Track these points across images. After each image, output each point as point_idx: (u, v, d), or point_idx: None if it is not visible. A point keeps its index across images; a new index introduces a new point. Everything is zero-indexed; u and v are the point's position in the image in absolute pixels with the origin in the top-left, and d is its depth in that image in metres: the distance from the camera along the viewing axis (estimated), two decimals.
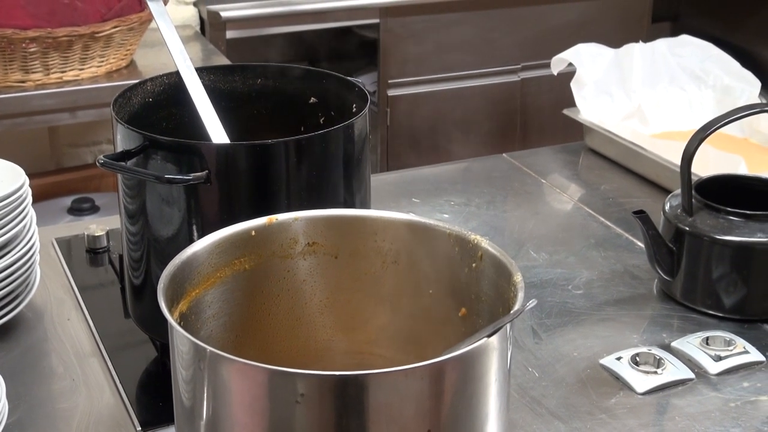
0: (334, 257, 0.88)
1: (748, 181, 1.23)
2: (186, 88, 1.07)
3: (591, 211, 1.44)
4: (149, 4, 1.11)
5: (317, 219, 0.87)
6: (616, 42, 1.79)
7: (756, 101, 1.69)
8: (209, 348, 0.69)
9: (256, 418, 0.69)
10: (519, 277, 0.77)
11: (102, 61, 2.10)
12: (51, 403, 1.01)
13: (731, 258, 1.13)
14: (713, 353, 1.07)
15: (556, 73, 1.76)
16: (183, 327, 0.72)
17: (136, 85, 1.08)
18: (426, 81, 2.74)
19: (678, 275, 1.17)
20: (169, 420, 0.82)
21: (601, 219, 1.42)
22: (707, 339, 1.09)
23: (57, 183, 2.40)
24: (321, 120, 1.12)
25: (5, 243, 1.09)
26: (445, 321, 0.86)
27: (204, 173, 0.93)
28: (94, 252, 1.33)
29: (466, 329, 0.84)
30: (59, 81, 2.06)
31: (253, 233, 0.85)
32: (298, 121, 1.14)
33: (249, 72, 1.15)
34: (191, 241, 0.83)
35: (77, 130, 2.62)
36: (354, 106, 1.08)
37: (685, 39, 1.81)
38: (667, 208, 1.19)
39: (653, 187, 1.51)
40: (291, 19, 2.58)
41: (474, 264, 0.83)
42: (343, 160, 0.99)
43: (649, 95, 1.71)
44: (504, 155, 1.65)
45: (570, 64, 1.71)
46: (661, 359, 1.05)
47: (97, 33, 2.03)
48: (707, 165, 1.33)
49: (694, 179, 1.17)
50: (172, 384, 0.76)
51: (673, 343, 1.10)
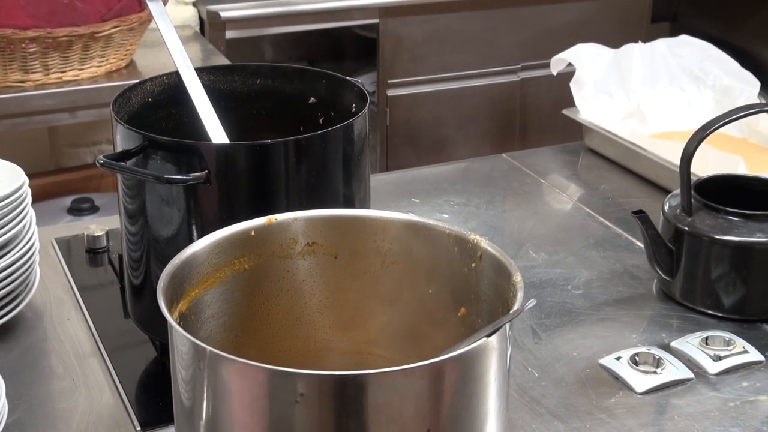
0: (333, 257, 0.88)
1: (747, 181, 1.23)
2: (185, 88, 1.07)
3: (590, 211, 1.44)
4: (149, 4, 1.11)
5: (317, 219, 0.87)
6: (615, 42, 1.79)
7: (755, 101, 1.69)
8: (209, 348, 0.69)
9: (255, 417, 0.69)
10: (518, 277, 0.77)
11: (102, 61, 2.10)
12: (51, 403, 1.01)
13: (730, 258, 1.13)
14: (712, 353, 1.07)
15: (555, 73, 1.76)
16: (182, 327, 0.72)
17: (135, 85, 1.08)
18: (425, 81, 2.74)
19: (677, 275, 1.17)
20: (169, 420, 0.82)
21: (601, 219, 1.42)
22: (706, 339, 1.09)
23: (57, 183, 2.40)
24: (320, 120, 1.12)
25: (5, 243, 1.09)
26: (445, 321, 0.86)
27: (203, 173, 0.93)
28: (93, 252, 1.33)
29: (465, 329, 0.84)
30: (59, 81, 2.06)
31: (253, 233, 0.85)
32: (297, 121, 1.14)
33: (248, 72, 1.15)
34: (191, 241, 0.83)
35: (77, 130, 2.62)
36: (353, 106, 1.08)
37: (685, 39, 1.81)
38: (667, 208, 1.19)
39: (652, 187, 1.51)
40: (290, 19, 2.58)
41: (473, 264, 0.83)
42: (343, 160, 0.99)
43: (649, 95, 1.71)
44: (503, 155, 1.65)
45: (569, 64, 1.71)
46: (661, 359, 1.05)
47: (97, 33, 2.03)
48: (706, 165, 1.33)
49: (693, 179, 1.17)
50: (171, 384, 0.76)
51: (673, 343, 1.10)
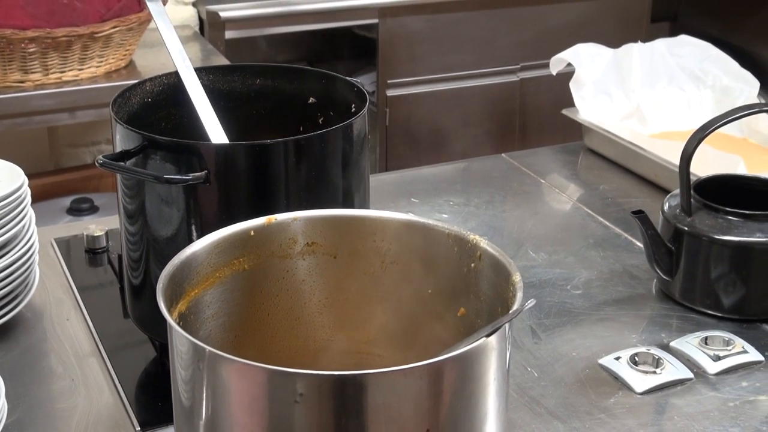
0: (333, 257, 0.88)
1: (746, 181, 1.23)
2: (185, 88, 1.07)
3: (590, 211, 1.44)
4: (148, 4, 1.11)
5: (316, 219, 0.87)
6: (615, 42, 1.79)
7: (755, 101, 1.69)
8: (208, 348, 0.69)
9: (255, 417, 0.69)
10: (518, 277, 0.77)
11: (101, 62, 2.10)
12: (50, 403, 1.01)
13: (730, 258, 1.13)
14: (712, 353, 1.07)
15: (555, 73, 1.76)
16: (182, 327, 0.72)
17: (135, 86, 1.08)
18: (425, 81, 2.74)
19: (677, 275, 1.17)
20: (168, 420, 0.82)
21: (600, 219, 1.42)
22: (706, 339, 1.09)
23: (56, 183, 2.40)
24: (320, 120, 1.12)
25: (4, 243, 1.09)
26: (444, 321, 0.86)
27: (203, 173, 0.93)
28: (93, 252, 1.33)
29: (464, 329, 0.84)
30: (58, 81, 2.06)
31: (252, 233, 0.85)
32: (297, 121, 1.14)
33: (248, 72, 1.15)
34: (190, 241, 0.83)
35: (76, 130, 2.62)
36: (353, 106, 1.08)
37: (684, 39, 1.81)
38: (666, 208, 1.19)
39: (652, 187, 1.51)
40: (290, 20, 2.58)
41: (473, 264, 0.83)
42: (342, 160, 0.99)
43: (648, 95, 1.71)
44: (503, 155, 1.65)
45: (569, 64, 1.71)
46: (660, 359, 1.05)
47: (97, 33, 2.03)
48: (706, 165, 1.33)
49: (693, 179, 1.17)
50: (171, 384, 0.76)
51: (672, 343, 1.10)
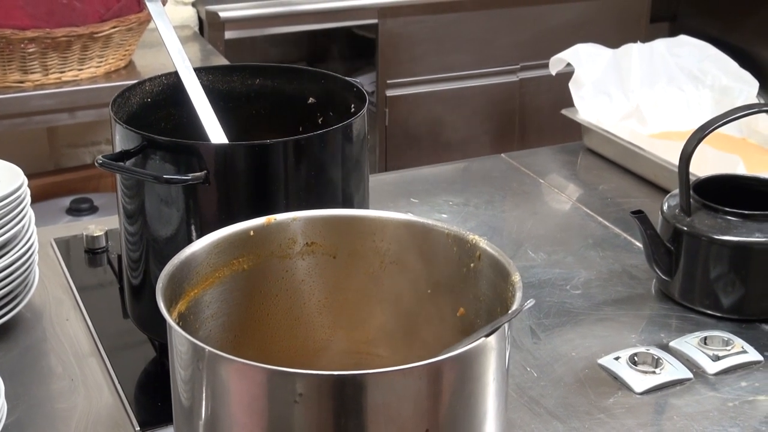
0: (332, 257, 0.88)
1: (746, 181, 1.23)
2: (184, 88, 1.07)
3: (589, 211, 1.45)
4: (148, 4, 1.11)
5: (316, 219, 0.87)
6: (614, 42, 1.79)
7: (754, 101, 1.69)
8: (208, 348, 0.69)
9: (254, 417, 0.69)
10: (517, 277, 0.77)
11: (101, 62, 2.10)
12: (50, 403, 1.01)
13: (729, 258, 1.13)
14: (711, 353, 1.07)
15: (554, 74, 1.76)
16: (182, 327, 0.72)
17: (134, 86, 1.08)
18: (424, 81, 2.74)
19: (676, 275, 1.17)
20: (168, 420, 0.82)
21: (600, 219, 1.42)
22: (705, 339, 1.09)
23: (56, 183, 2.40)
24: (319, 120, 1.12)
25: (4, 243, 1.09)
26: (444, 321, 0.86)
27: (202, 173, 0.93)
28: (92, 252, 1.33)
29: (464, 329, 0.84)
30: (58, 81, 2.06)
31: (252, 233, 0.85)
32: (296, 122, 1.14)
33: (247, 72, 1.15)
34: (190, 241, 0.83)
35: (76, 130, 2.62)
36: (352, 106, 1.08)
37: (684, 39, 1.81)
38: (666, 208, 1.19)
39: (651, 187, 1.51)
40: (289, 20, 2.58)
41: (472, 264, 0.83)
42: (342, 160, 0.99)
43: (648, 95, 1.71)
44: (502, 155, 1.65)
45: (568, 64, 1.71)
46: (660, 359, 1.05)
47: (96, 33, 2.03)
48: (705, 165, 1.34)
49: (692, 179, 1.17)
50: (170, 384, 0.76)
51: (672, 343, 1.10)
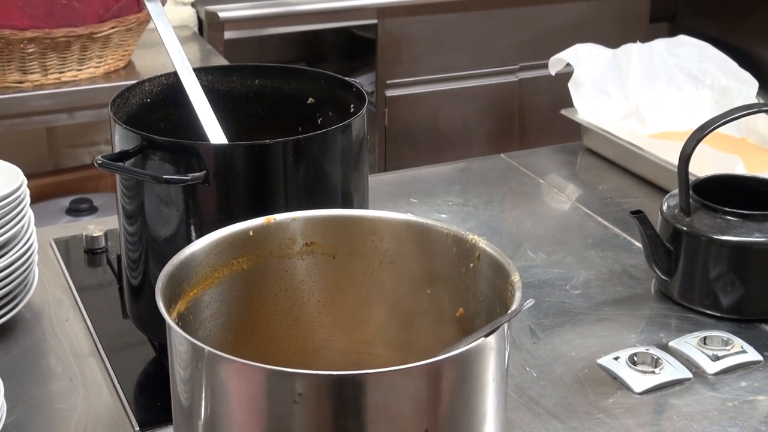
0: (332, 257, 0.88)
1: (745, 181, 1.23)
2: (184, 88, 1.07)
3: (589, 211, 1.45)
4: (147, 4, 1.11)
5: (315, 219, 0.87)
6: (613, 42, 1.79)
7: (753, 101, 1.69)
8: (207, 348, 0.69)
9: (254, 417, 0.69)
10: (516, 277, 0.77)
11: (100, 62, 2.10)
12: (49, 404, 1.01)
13: (729, 258, 1.13)
14: (711, 353, 1.07)
15: (553, 74, 1.76)
16: (181, 327, 0.72)
17: (134, 86, 1.08)
18: (424, 81, 2.74)
19: (676, 275, 1.17)
20: (168, 420, 0.82)
21: (599, 219, 1.42)
22: (705, 339, 1.09)
23: (55, 184, 2.40)
24: (319, 120, 1.12)
25: (3, 243, 1.09)
26: (443, 321, 0.86)
27: (202, 173, 0.93)
28: (92, 252, 1.33)
29: (463, 329, 0.84)
30: (57, 81, 2.06)
31: (251, 233, 0.85)
32: (296, 122, 1.14)
33: (247, 72, 1.15)
34: (189, 242, 0.83)
35: (75, 130, 2.62)
36: (352, 106, 1.08)
37: (683, 39, 1.81)
38: (665, 208, 1.19)
39: (651, 187, 1.51)
40: (289, 20, 2.58)
41: (471, 264, 0.83)
42: (341, 160, 0.99)
43: (647, 95, 1.71)
44: (502, 155, 1.65)
45: (568, 64, 1.71)
46: (659, 359, 1.05)
47: (95, 34, 2.03)
48: (705, 165, 1.34)
49: (691, 179, 1.17)
50: (170, 384, 0.76)
51: (671, 343, 1.10)
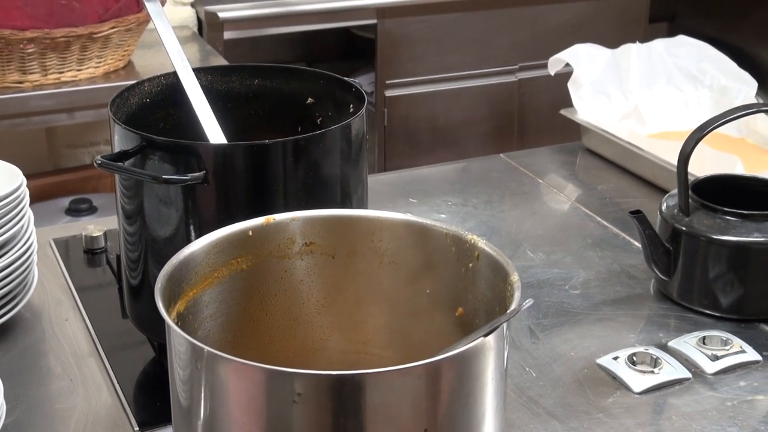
0: (331, 257, 0.88)
1: (744, 181, 1.23)
2: (183, 88, 1.07)
3: (588, 211, 1.45)
4: (147, 4, 1.11)
5: (314, 219, 0.87)
6: (613, 42, 1.79)
7: (753, 101, 1.69)
8: (206, 348, 0.69)
9: (253, 417, 0.69)
10: (515, 277, 0.77)
11: (100, 62, 2.10)
12: (49, 404, 1.01)
13: (728, 258, 1.13)
14: (710, 353, 1.07)
15: (553, 74, 1.76)
16: (180, 327, 0.72)
17: (133, 86, 1.08)
18: (423, 81, 2.75)
19: (675, 275, 1.17)
20: (167, 420, 0.82)
21: (598, 219, 1.42)
22: (704, 339, 1.09)
23: (55, 184, 2.40)
24: (318, 120, 1.12)
25: (3, 244, 1.09)
26: (442, 321, 0.86)
27: (201, 173, 0.93)
28: (91, 252, 1.33)
29: (463, 329, 0.84)
30: (57, 82, 2.06)
31: (251, 233, 0.85)
32: (295, 122, 1.14)
33: (246, 72, 1.15)
34: (189, 242, 0.83)
35: (75, 130, 2.62)
36: (351, 106, 1.08)
37: (682, 39, 1.81)
38: (664, 208, 1.19)
39: (650, 187, 1.51)
40: (288, 20, 2.58)
41: (471, 264, 0.83)
42: (341, 160, 0.99)
43: (646, 95, 1.71)
44: (501, 155, 1.65)
45: (567, 64, 1.71)
46: (658, 359, 1.05)
47: (95, 34, 2.03)
48: (704, 165, 1.34)
49: (690, 179, 1.17)
50: (169, 384, 0.76)
51: (670, 343, 1.10)
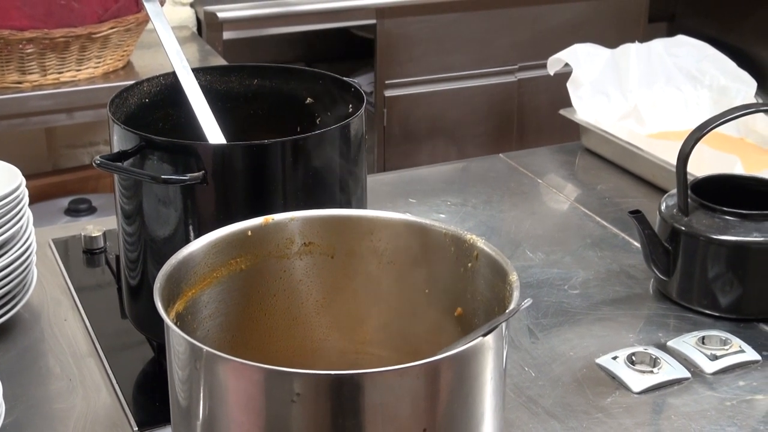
0: (330, 257, 0.88)
1: (744, 181, 1.23)
2: (182, 88, 1.07)
3: (587, 211, 1.45)
4: (146, 4, 1.11)
5: (313, 219, 0.87)
6: (612, 42, 1.79)
7: (752, 101, 1.69)
8: (205, 348, 0.69)
9: (252, 417, 0.69)
10: (514, 277, 0.77)
11: (99, 62, 2.10)
12: (48, 404, 1.01)
13: (727, 258, 1.13)
14: (709, 352, 1.07)
15: (552, 74, 1.76)
16: (179, 327, 0.72)
17: (132, 86, 1.08)
18: (423, 81, 2.74)
19: (674, 275, 1.17)
20: (166, 420, 0.82)
21: (598, 219, 1.42)
22: (703, 338, 1.09)
23: (54, 184, 2.40)
24: (317, 120, 1.12)
25: (2, 244, 1.09)
26: (441, 320, 0.86)
27: (200, 173, 0.93)
28: (90, 253, 1.33)
29: (462, 329, 0.84)
30: (56, 82, 2.06)
31: (250, 233, 0.85)
32: (294, 122, 1.14)
33: (245, 72, 1.15)
34: (188, 242, 0.83)
35: (74, 131, 2.62)
36: (350, 106, 1.08)
37: (682, 39, 1.81)
38: (663, 207, 1.19)
39: (649, 187, 1.51)
40: (288, 20, 2.58)
41: (470, 264, 0.83)
42: (340, 160, 0.99)
43: (646, 95, 1.71)
44: (501, 155, 1.65)
45: (566, 64, 1.71)
46: (657, 359, 1.05)
47: (94, 34, 2.03)
48: (703, 165, 1.34)
49: (690, 179, 1.17)
50: (168, 384, 0.76)
51: (669, 343, 1.10)
